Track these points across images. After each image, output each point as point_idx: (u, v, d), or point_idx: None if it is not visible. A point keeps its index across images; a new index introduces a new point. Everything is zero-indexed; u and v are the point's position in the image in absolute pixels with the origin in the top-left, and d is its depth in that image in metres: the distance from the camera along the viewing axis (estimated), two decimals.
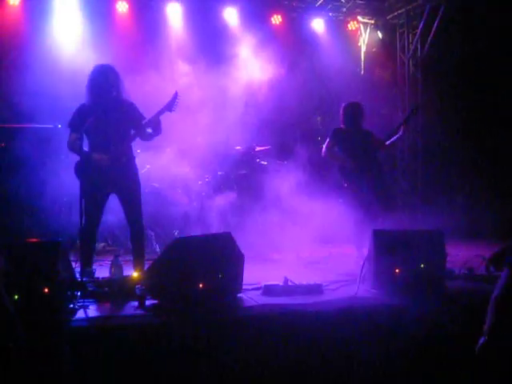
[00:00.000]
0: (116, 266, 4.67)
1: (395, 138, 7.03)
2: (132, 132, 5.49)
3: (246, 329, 4.10)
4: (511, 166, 9.15)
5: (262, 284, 4.90)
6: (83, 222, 5.06)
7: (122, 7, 9.41)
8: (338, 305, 4.50)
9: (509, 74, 9.19)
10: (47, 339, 3.67)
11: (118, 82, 5.48)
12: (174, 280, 4.36)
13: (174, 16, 9.75)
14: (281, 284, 4.87)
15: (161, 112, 5.40)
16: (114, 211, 6.37)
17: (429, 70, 10.64)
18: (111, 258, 4.87)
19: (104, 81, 5.41)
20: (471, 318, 4.49)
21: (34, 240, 4.22)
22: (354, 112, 6.84)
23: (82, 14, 9.07)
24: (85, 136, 5.36)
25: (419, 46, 10.69)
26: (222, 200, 7.82)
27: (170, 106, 5.40)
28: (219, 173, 8.05)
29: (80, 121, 5.34)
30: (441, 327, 4.42)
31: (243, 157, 8.34)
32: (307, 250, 7.88)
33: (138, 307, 4.32)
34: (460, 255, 6.27)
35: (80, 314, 4.12)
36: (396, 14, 10.92)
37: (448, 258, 5.19)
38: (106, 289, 4.56)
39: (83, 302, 4.32)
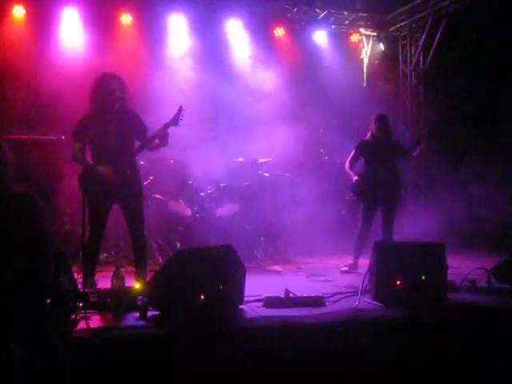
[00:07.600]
0: (118, 276, 4.67)
1: (418, 151, 7.33)
2: (137, 144, 5.45)
3: (247, 340, 4.10)
4: None
5: (264, 296, 4.89)
6: (86, 233, 5.07)
7: (126, 19, 9.50)
8: (339, 317, 4.49)
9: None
10: (49, 350, 3.68)
11: (122, 91, 5.36)
12: (175, 291, 4.37)
13: (178, 27, 9.83)
14: (282, 296, 4.87)
15: (166, 126, 5.31)
16: (116, 222, 6.39)
17: (431, 83, 10.67)
18: (113, 268, 4.87)
19: (109, 90, 5.29)
20: (473, 331, 4.52)
21: None
22: (386, 123, 6.93)
23: (86, 27, 9.16)
24: (88, 146, 5.32)
25: (422, 59, 10.75)
26: (224, 211, 7.85)
27: (175, 121, 5.33)
28: (221, 184, 8.06)
29: (83, 130, 5.27)
30: (442, 339, 4.42)
31: (246, 168, 8.36)
32: (308, 261, 7.92)
33: (139, 318, 4.31)
34: (462, 267, 6.28)
35: (82, 324, 4.11)
36: (398, 26, 11.01)
37: (450, 270, 5.21)
38: (108, 300, 4.56)
39: (85, 312, 4.31)
